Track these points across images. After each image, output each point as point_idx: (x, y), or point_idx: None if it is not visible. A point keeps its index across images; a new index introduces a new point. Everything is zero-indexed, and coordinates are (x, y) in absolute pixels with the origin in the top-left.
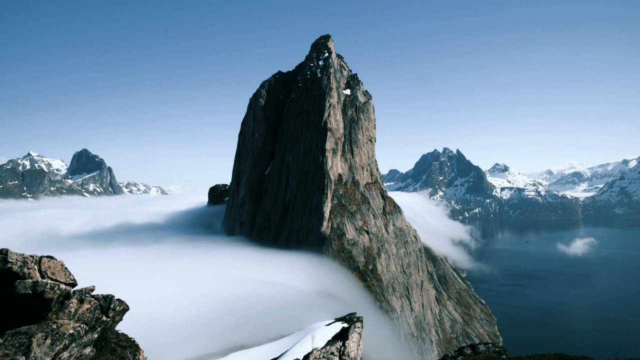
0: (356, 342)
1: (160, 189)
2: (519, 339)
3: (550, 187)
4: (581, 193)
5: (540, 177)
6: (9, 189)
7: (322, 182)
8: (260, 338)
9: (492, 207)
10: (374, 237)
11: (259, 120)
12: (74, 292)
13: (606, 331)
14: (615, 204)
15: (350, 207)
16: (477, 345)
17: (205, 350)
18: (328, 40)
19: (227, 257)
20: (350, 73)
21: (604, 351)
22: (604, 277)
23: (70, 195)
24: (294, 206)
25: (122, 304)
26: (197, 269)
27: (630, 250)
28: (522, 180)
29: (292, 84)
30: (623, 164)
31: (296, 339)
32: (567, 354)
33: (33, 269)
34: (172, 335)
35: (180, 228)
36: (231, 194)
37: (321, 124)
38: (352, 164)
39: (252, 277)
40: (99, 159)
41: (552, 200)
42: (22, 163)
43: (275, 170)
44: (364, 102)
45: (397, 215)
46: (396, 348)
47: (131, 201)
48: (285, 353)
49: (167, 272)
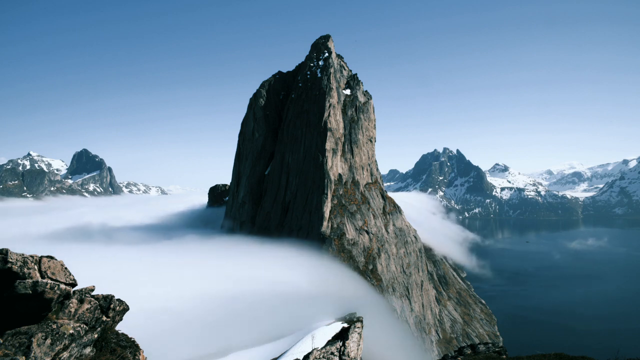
0: (356, 342)
1: (160, 189)
2: (519, 339)
3: (550, 187)
4: (581, 193)
5: (540, 177)
6: (9, 189)
7: (322, 182)
8: (260, 338)
9: (492, 207)
10: (374, 237)
11: (259, 120)
12: (74, 292)
13: (606, 331)
14: (615, 204)
15: (350, 207)
16: (477, 345)
17: (206, 350)
18: (328, 40)
19: (227, 257)
20: (350, 73)
21: (604, 351)
22: (604, 277)
23: (70, 195)
24: (294, 206)
25: (122, 304)
26: (196, 269)
27: (630, 250)
28: (522, 180)
29: (292, 84)
30: (623, 164)
31: (296, 339)
32: (567, 354)
33: (33, 269)
34: (172, 335)
35: (180, 228)
36: (231, 194)
37: (321, 124)
38: (352, 164)
39: (252, 277)
40: (99, 159)
41: (552, 200)
42: (22, 163)
43: (275, 170)
44: (364, 102)
45: (397, 215)
46: (396, 348)
47: (131, 201)
48: (285, 353)
49: (167, 272)
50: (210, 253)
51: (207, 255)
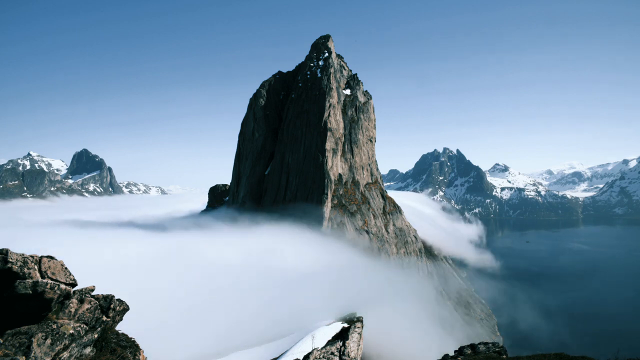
0: (356, 342)
1: (160, 189)
2: (519, 339)
3: (550, 187)
4: (581, 193)
5: (540, 177)
6: (9, 189)
7: (322, 182)
8: (261, 338)
9: (492, 207)
10: (374, 237)
11: (259, 120)
12: (74, 292)
13: (606, 331)
14: (616, 204)
15: (350, 207)
16: (477, 345)
17: (206, 350)
18: (328, 40)
19: (227, 257)
20: (350, 73)
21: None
22: (604, 276)
23: (71, 195)
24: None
25: (122, 304)
26: (197, 269)
27: (630, 250)
28: (522, 180)
29: (292, 84)
30: (623, 164)
31: (296, 339)
32: (567, 354)
33: (33, 269)
34: (173, 335)
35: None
36: (231, 194)
37: (321, 124)
38: (352, 164)
39: (253, 276)
40: (99, 159)
41: (552, 200)
42: (22, 163)
43: (275, 170)
44: (364, 102)
45: (397, 215)
46: (396, 348)
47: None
48: (285, 353)
49: (167, 272)
50: (209, 251)
51: (207, 253)
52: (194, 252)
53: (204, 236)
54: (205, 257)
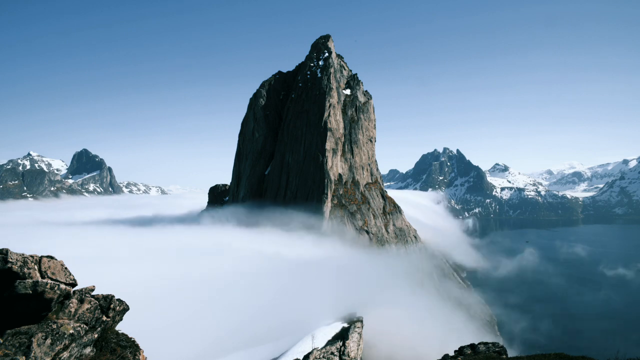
0: (356, 342)
1: (160, 189)
2: (519, 339)
3: (550, 187)
4: (581, 193)
5: (540, 177)
6: (9, 189)
7: (322, 182)
8: (261, 338)
9: (492, 207)
10: (374, 237)
11: (259, 120)
12: (74, 292)
13: (606, 331)
14: (616, 203)
15: (350, 207)
16: (477, 345)
17: (206, 350)
18: (328, 40)
19: (227, 257)
20: (350, 73)
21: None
22: (604, 276)
23: (71, 195)
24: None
25: (122, 304)
26: (197, 269)
27: (630, 250)
28: (522, 180)
29: (292, 84)
30: (623, 164)
31: (296, 339)
32: (567, 354)
33: (33, 269)
34: (173, 335)
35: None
36: (231, 194)
37: (321, 124)
38: (352, 164)
39: (252, 276)
40: (99, 159)
41: (552, 200)
42: (22, 163)
43: (275, 170)
44: (364, 102)
45: (397, 215)
46: (396, 348)
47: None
48: (285, 353)
49: (167, 272)
50: (209, 251)
51: (206, 253)
52: (194, 252)
53: (204, 236)
54: (205, 257)
